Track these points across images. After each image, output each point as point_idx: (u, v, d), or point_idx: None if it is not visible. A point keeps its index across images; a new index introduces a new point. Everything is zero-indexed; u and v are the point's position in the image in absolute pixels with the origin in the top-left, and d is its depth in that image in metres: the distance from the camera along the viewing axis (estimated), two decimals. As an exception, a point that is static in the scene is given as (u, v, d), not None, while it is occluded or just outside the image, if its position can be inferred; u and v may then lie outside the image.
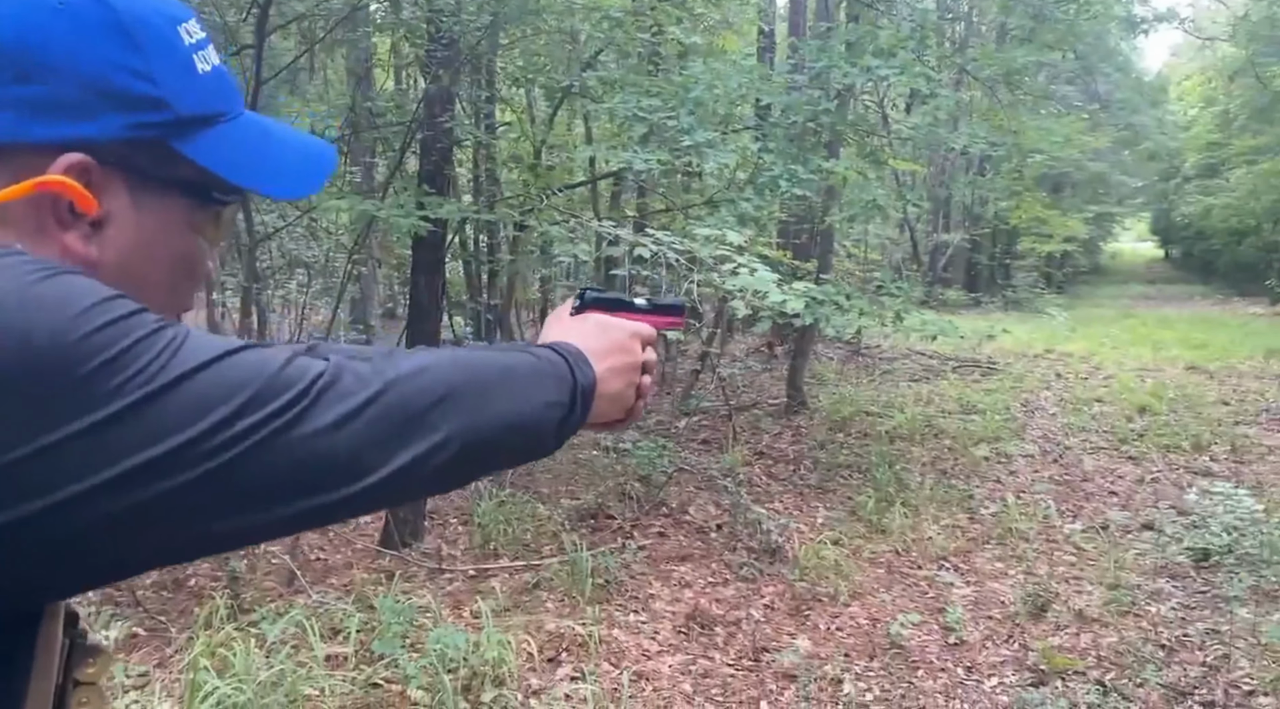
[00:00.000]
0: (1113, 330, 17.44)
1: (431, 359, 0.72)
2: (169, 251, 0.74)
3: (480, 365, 0.75)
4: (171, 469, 0.56)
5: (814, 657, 4.20)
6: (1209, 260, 33.44)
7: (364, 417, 0.63)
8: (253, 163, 0.77)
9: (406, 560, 5.17)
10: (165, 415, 0.56)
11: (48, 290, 0.57)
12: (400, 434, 0.65)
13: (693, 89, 6.85)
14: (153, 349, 0.58)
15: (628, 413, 0.95)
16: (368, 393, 0.64)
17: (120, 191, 0.70)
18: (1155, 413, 9.50)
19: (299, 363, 0.63)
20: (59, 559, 0.56)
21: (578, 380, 0.83)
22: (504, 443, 0.76)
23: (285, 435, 0.60)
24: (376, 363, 0.67)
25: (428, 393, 0.68)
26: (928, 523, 6.00)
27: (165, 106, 0.71)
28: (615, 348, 0.92)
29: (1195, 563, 5.28)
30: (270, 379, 0.61)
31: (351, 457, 0.63)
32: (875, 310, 6.70)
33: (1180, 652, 4.23)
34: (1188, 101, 38.24)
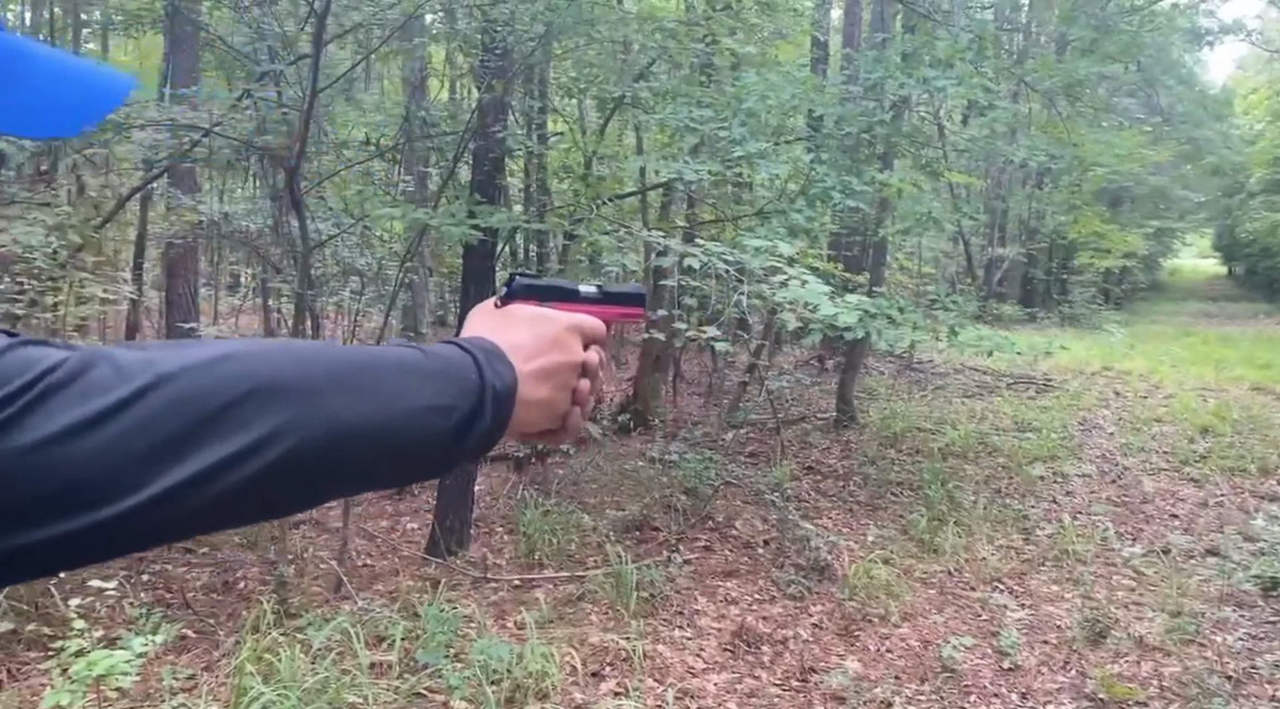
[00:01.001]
0: (1173, 348, 16.99)
1: (241, 347, 0.58)
2: None
3: (323, 359, 0.61)
4: None
5: (863, 678, 4.10)
6: (1274, 278, 32.52)
7: (125, 416, 0.50)
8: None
9: (452, 569, 5.16)
10: None
11: None
12: (184, 437, 0.52)
13: (746, 100, 6.81)
14: None
15: (562, 423, 0.79)
16: (128, 389, 0.51)
17: None
18: (1219, 434, 9.21)
19: (23, 353, 0.50)
20: None
21: (487, 381, 0.69)
22: (357, 454, 0.60)
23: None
24: (150, 353, 0.54)
25: (227, 387, 0.54)
26: (981, 543, 5.86)
27: None
28: (546, 345, 0.76)
29: (1263, 591, 5.09)
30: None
31: (106, 467, 0.49)
32: (929, 324, 6.58)
33: (1248, 684, 4.06)
34: (1254, 115, 37.27)
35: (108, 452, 0.49)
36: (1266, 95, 35.16)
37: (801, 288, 4.34)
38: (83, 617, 4.11)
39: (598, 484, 7.20)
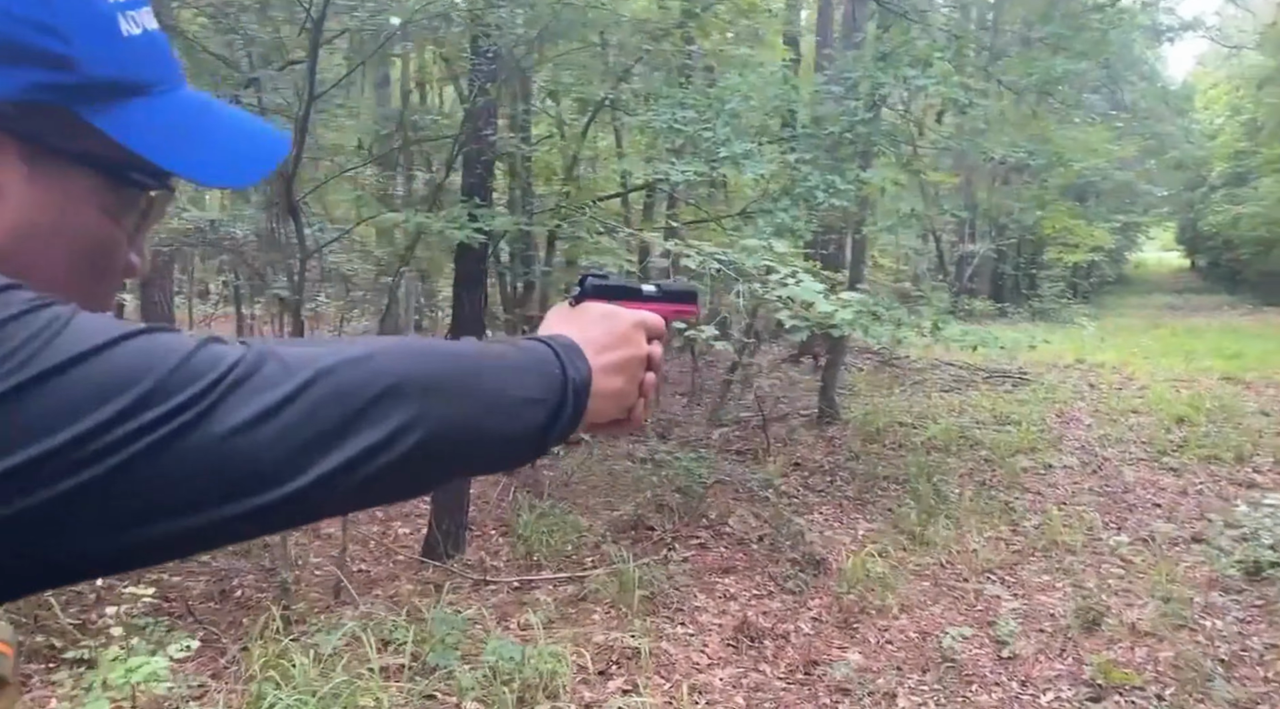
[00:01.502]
0: (1143, 341, 17.28)
1: (379, 346, 0.62)
2: (70, 235, 0.64)
3: (441, 355, 0.66)
4: (53, 474, 0.47)
5: (866, 670, 4.16)
6: (1236, 270, 33.12)
7: (291, 409, 0.55)
8: (179, 142, 0.66)
9: (451, 572, 5.17)
10: (40, 411, 0.48)
11: None
12: (337, 429, 0.56)
13: (729, 100, 6.87)
14: (25, 331, 0.49)
15: (629, 414, 0.84)
16: (295, 383, 0.55)
17: (12, 161, 0.60)
18: (1194, 424, 9.39)
19: (211, 350, 0.54)
20: None
21: (569, 376, 0.74)
22: (472, 443, 0.66)
23: (191, 434, 0.51)
24: (308, 349, 0.58)
25: (370, 384, 0.58)
26: (971, 535, 5.95)
27: (71, 67, 0.61)
28: (616, 340, 0.82)
29: (1248, 576, 5.20)
30: (174, 369, 0.52)
31: (277, 455, 0.54)
32: (914, 320, 6.67)
33: (1240, 666, 4.16)
34: (1214, 110, 37.95)
35: (279, 440, 0.54)
36: (1226, 90, 35.81)
37: (797, 286, 4.40)
38: (80, 626, 4.09)
39: (588, 485, 7.23)
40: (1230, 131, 34.44)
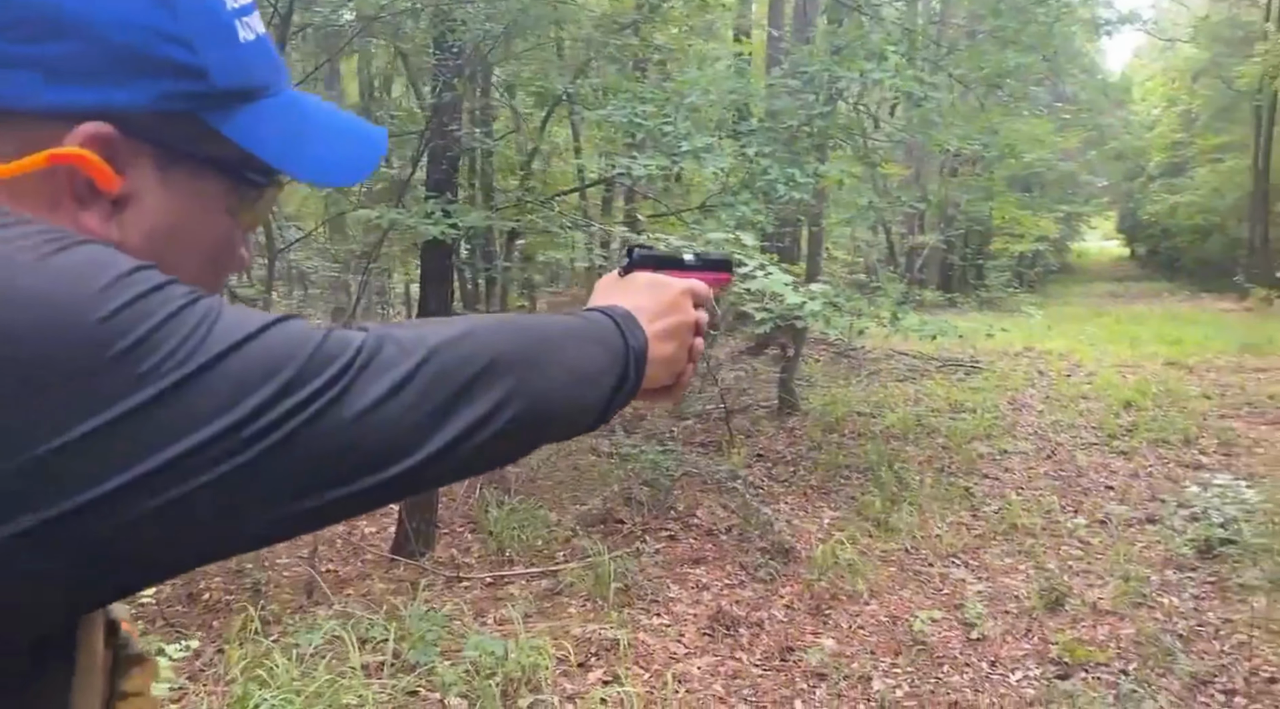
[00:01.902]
0: (1088, 328, 17.70)
1: (475, 324, 0.66)
2: (199, 236, 0.67)
3: (527, 330, 0.70)
4: (213, 458, 0.51)
5: (840, 655, 4.24)
6: (1175, 258, 34.01)
7: (410, 388, 0.58)
8: (295, 145, 0.69)
9: (423, 570, 5.15)
10: (204, 399, 0.51)
11: (67, 262, 0.51)
12: (447, 404, 0.60)
13: (688, 95, 6.91)
14: (186, 326, 0.52)
15: (678, 379, 0.87)
16: (411, 363, 0.59)
17: (146, 168, 0.63)
18: (1141, 408, 9.65)
19: (338, 335, 0.58)
20: (92, 563, 0.51)
21: (629, 344, 0.77)
22: (555, 411, 0.70)
23: (332, 413, 0.54)
24: (417, 330, 0.62)
25: (473, 360, 0.62)
26: (934, 520, 6.07)
27: (202, 76, 0.63)
28: (667, 308, 0.85)
29: (1199, 554, 5.38)
30: (312, 354, 0.55)
31: (400, 431, 0.57)
32: (873, 311, 6.78)
33: (1197, 641, 4.31)
34: (1151, 102, 38.89)
35: (404, 416, 0.58)
36: (1162, 82, 36.70)
37: (767, 279, 4.45)
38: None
39: (553, 481, 7.24)
40: (1167, 123, 35.33)
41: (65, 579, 0.51)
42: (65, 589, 0.52)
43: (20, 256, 0.50)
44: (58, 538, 0.48)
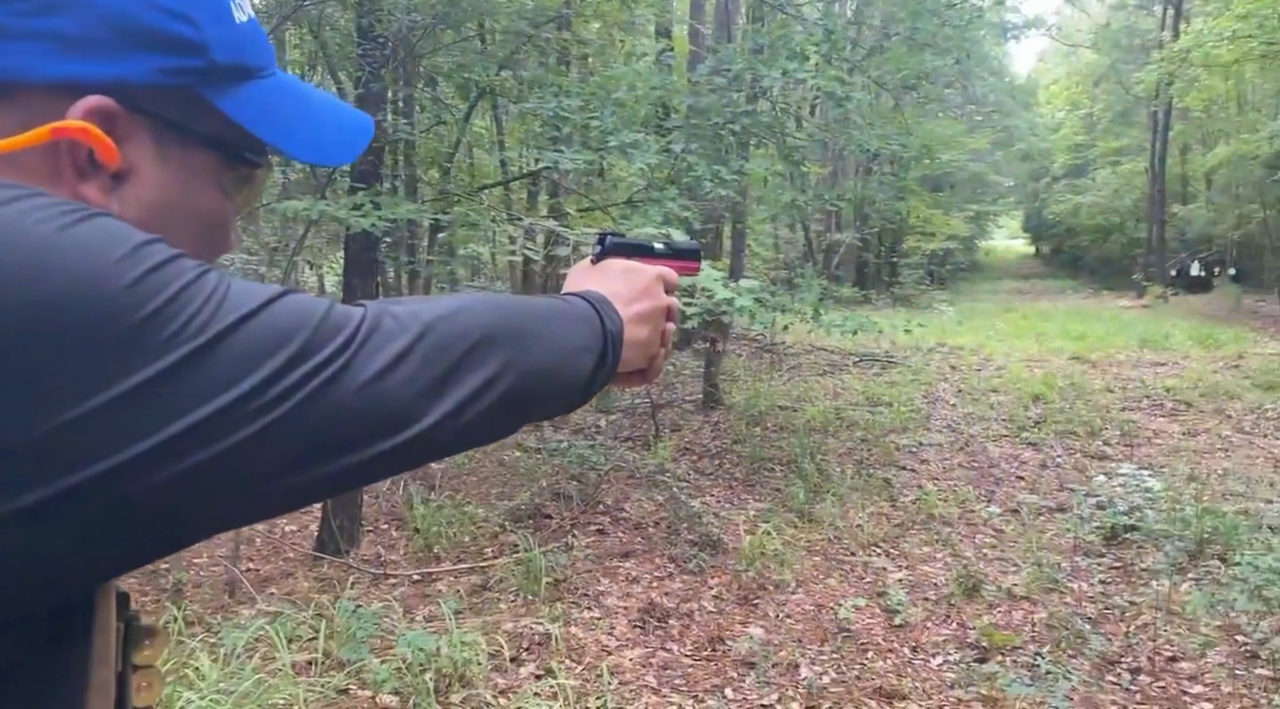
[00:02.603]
0: (997, 324, 18.30)
1: (467, 301, 0.68)
2: (195, 212, 0.68)
3: (515, 307, 0.72)
4: (230, 425, 0.52)
5: (769, 643, 4.32)
6: (1077, 256, 35.35)
7: (409, 360, 0.60)
8: (289, 124, 0.71)
9: (349, 567, 5.08)
10: (220, 368, 0.52)
11: (85, 233, 0.52)
12: (443, 378, 0.62)
13: (615, 90, 6.92)
14: (200, 296, 0.53)
15: (651, 362, 0.90)
16: (408, 337, 0.60)
17: (145, 142, 0.64)
18: (1048, 401, 10.03)
19: (340, 309, 0.60)
20: (117, 528, 0.52)
21: (607, 327, 0.80)
22: (543, 388, 0.72)
23: (337, 384, 0.56)
24: (411, 306, 0.64)
25: (466, 335, 0.64)
26: (855, 511, 6.21)
27: (202, 51, 0.64)
28: (640, 293, 0.87)
29: (1105, 541, 5.62)
30: (317, 326, 0.57)
31: (399, 403, 0.59)
32: (796, 307, 6.90)
33: (1105, 624, 4.51)
34: (1055, 105, 40.33)
35: (405, 386, 0.59)
36: (1066, 86, 38.08)
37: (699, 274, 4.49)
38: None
39: (479, 477, 7.20)
40: (1070, 125, 36.68)
41: (91, 543, 0.51)
42: (90, 554, 0.52)
43: (40, 228, 0.51)
44: (88, 501, 0.49)
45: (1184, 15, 25.52)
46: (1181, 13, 25.75)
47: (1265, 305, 19.46)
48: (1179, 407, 9.82)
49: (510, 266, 9.79)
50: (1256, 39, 15.21)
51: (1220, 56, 16.91)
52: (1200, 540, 5.28)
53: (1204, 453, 7.80)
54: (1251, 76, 21.23)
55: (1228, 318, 18.48)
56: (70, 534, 0.50)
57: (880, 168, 20.03)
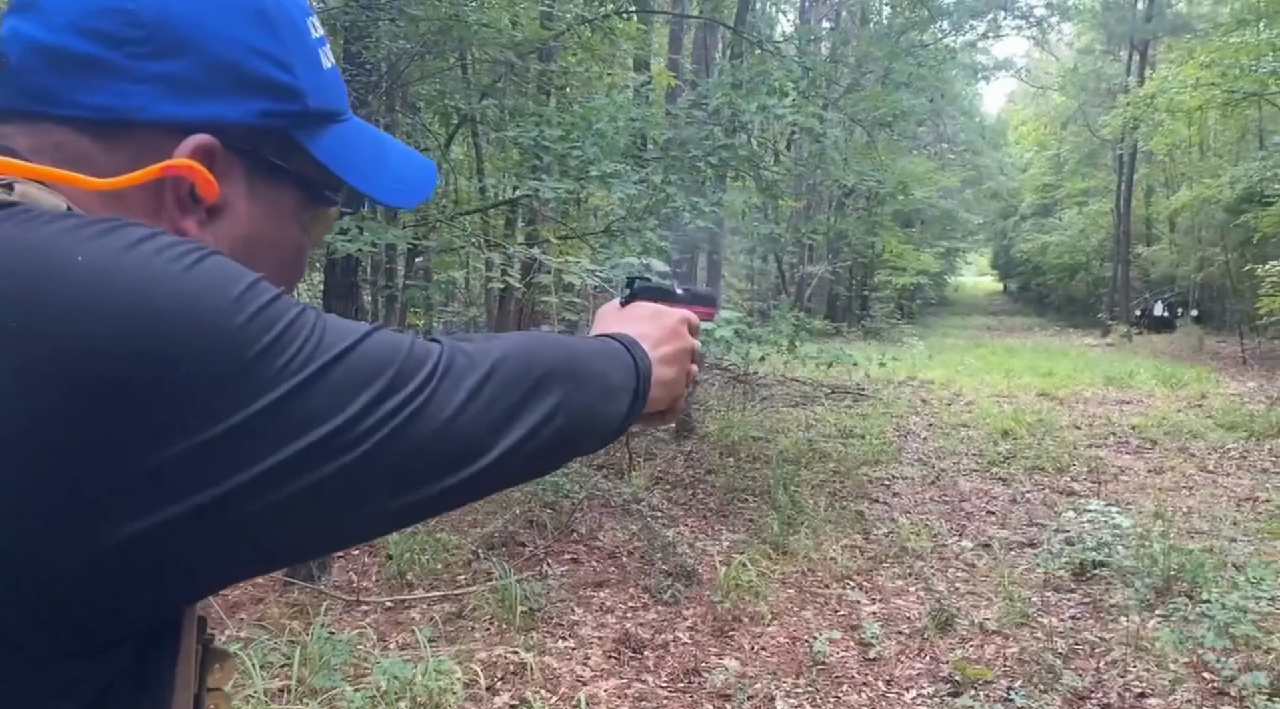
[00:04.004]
0: (966, 359, 18.51)
1: (528, 339, 0.72)
2: (277, 245, 0.72)
3: (566, 346, 0.75)
4: (330, 454, 0.55)
5: (744, 676, 4.31)
6: (1044, 294, 35.87)
7: (482, 396, 0.63)
8: (369, 166, 0.75)
9: (321, 593, 5.02)
10: (323, 398, 0.55)
11: (206, 272, 0.55)
12: (511, 412, 0.65)
13: (596, 120, 6.99)
14: (303, 332, 0.56)
15: (674, 402, 0.94)
16: (480, 373, 0.64)
17: (238, 179, 0.68)
18: (1017, 437, 10.15)
19: (421, 344, 0.63)
20: (219, 551, 0.54)
21: (639, 367, 0.83)
22: (589, 426, 0.75)
23: (422, 417, 0.59)
24: (479, 343, 0.67)
25: (530, 372, 0.68)
26: (828, 543, 6.23)
27: (299, 97, 0.69)
28: (667, 335, 0.91)
29: (1074, 576, 5.68)
30: (405, 360, 0.60)
31: (472, 436, 0.62)
32: (772, 338, 6.96)
33: (1075, 659, 4.55)
34: (1024, 145, 41.09)
35: (478, 420, 0.63)
36: (1034, 127, 38.81)
37: (679, 305, 4.53)
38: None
39: (452, 502, 7.15)
40: (1038, 165, 37.35)
41: (194, 567, 0.54)
42: (191, 576, 0.55)
43: (171, 267, 0.54)
44: (197, 528, 0.52)
45: (1149, 61, 26.16)
46: (1147, 59, 26.41)
47: (1226, 346, 19.82)
48: (1144, 444, 9.97)
49: (486, 293, 9.78)
50: (1219, 87, 15.61)
51: (1184, 102, 17.32)
52: (1168, 577, 5.35)
53: (1169, 491, 7.91)
54: (1214, 123, 21.77)
55: (1190, 358, 18.80)
56: (176, 558, 0.53)
57: (854, 202, 20.30)
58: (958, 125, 31.32)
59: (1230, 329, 20.23)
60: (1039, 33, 26.62)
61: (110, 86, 0.62)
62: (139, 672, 0.57)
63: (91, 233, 0.55)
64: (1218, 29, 17.87)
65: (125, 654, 0.55)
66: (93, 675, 0.54)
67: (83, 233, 0.55)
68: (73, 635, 0.52)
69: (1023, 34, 29.12)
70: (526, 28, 7.02)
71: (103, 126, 0.63)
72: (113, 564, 0.51)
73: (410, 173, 0.79)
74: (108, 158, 0.63)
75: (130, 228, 0.56)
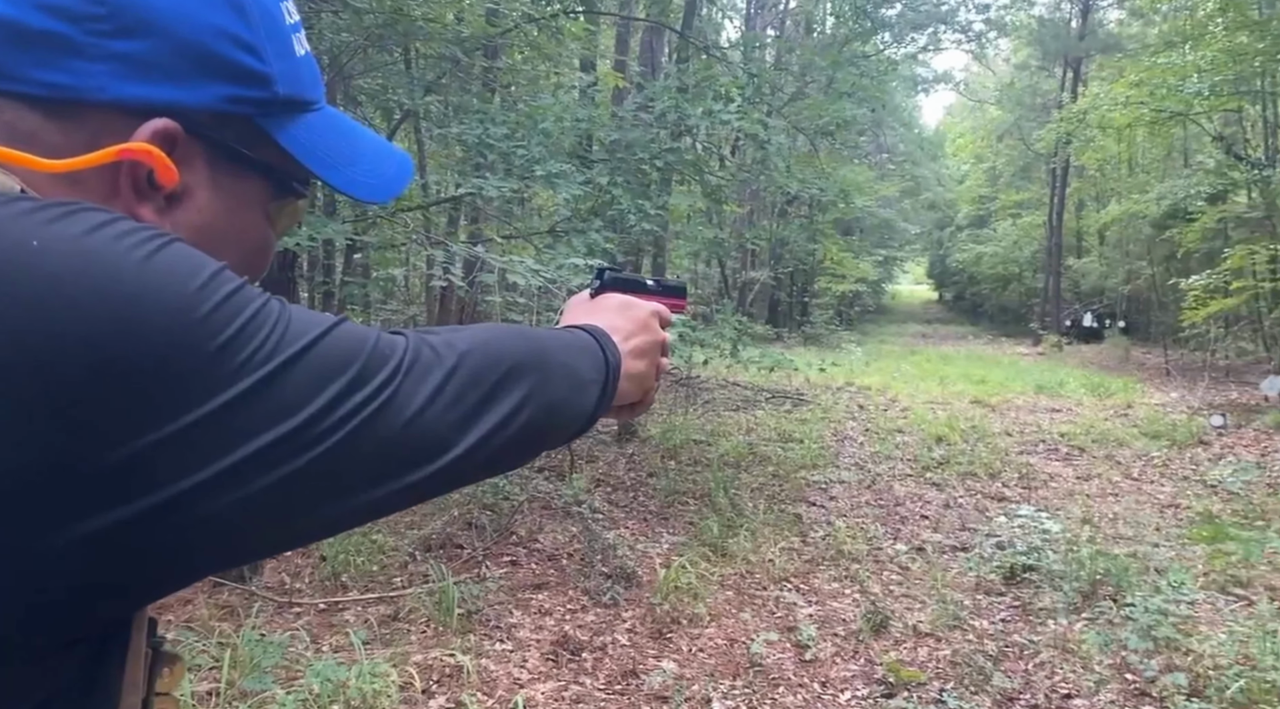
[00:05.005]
0: (903, 366, 18.81)
1: (496, 332, 0.71)
2: (240, 236, 0.69)
3: (533, 338, 0.74)
4: (295, 450, 0.54)
5: (681, 678, 4.32)
6: (978, 303, 36.62)
7: (447, 390, 0.62)
8: (339, 158, 0.73)
9: (252, 594, 4.92)
10: (287, 393, 0.54)
11: (167, 261, 0.53)
12: (477, 406, 0.64)
13: (542, 120, 6.96)
14: (267, 324, 0.55)
15: (644, 395, 0.92)
16: (446, 367, 0.63)
17: (201, 167, 0.65)
18: (951, 443, 10.34)
19: (386, 338, 0.62)
20: (172, 553, 0.52)
21: (609, 360, 0.82)
22: (558, 419, 0.74)
23: (388, 411, 0.58)
24: (445, 336, 0.66)
25: (497, 365, 0.67)
26: (767, 546, 6.28)
27: (267, 83, 0.66)
28: (638, 327, 0.90)
29: (1005, 580, 5.80)
30: (370, 354, 0.59)
31: (438, 431, 0.61)
32: (716, 342, 7.00)
33: (1005, 661, 4.64)
34: (961, 157, 41.93)
35: (441, 417, 0.62)
36: (971, 140, 39.64)
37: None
38: None
39: (389, 502, 7.06)
40: (975, 177, 38.15)
41: (153, 564, 0.52)
42: (150, 574, 0.53)
43: (130, 255, 0.52)
44: (158, 524, 0.50)
45: (1082, 78, 26.90)
46: (1080, 76, 27.14)
47: (1151, 357, 20.43)
48: (1073, 452, 10.22)
49: (427, 292, 9.68)
50: (1147, 106, 16.08)
51: (1114, 120, 17.82)
52: (1094, 581, 5.49)
53: (1096, 497, 8.13)
54: (1142, 140, 22.43)
55: (1117, 368, 19.35)
56: (137, 555, 0.51)
57: (796, 210, 20.52)
58: (897, 136, 31.87)
59: (1155, 341, 20.86)
60: (977, 47, 27.22)
61: (68, 64, 0.59)
62: (88, 674, 0.55)
63: (47, 217, 0.52)
64: (1146, 49, 18.45)
65: (76, 656, 0.53)
66: (43, 678, 0.52)
67: (38, 217, 0.52)
68: (26, 637, 0.50)
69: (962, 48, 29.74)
70: (472, 24, 6.97)
71: (59, 106, 0.60)
72: (72, 563, 0.49)
73: (384, 167, 0.77)
74: (64, 139, 0.60)
75: (88, 212, 0.54)
